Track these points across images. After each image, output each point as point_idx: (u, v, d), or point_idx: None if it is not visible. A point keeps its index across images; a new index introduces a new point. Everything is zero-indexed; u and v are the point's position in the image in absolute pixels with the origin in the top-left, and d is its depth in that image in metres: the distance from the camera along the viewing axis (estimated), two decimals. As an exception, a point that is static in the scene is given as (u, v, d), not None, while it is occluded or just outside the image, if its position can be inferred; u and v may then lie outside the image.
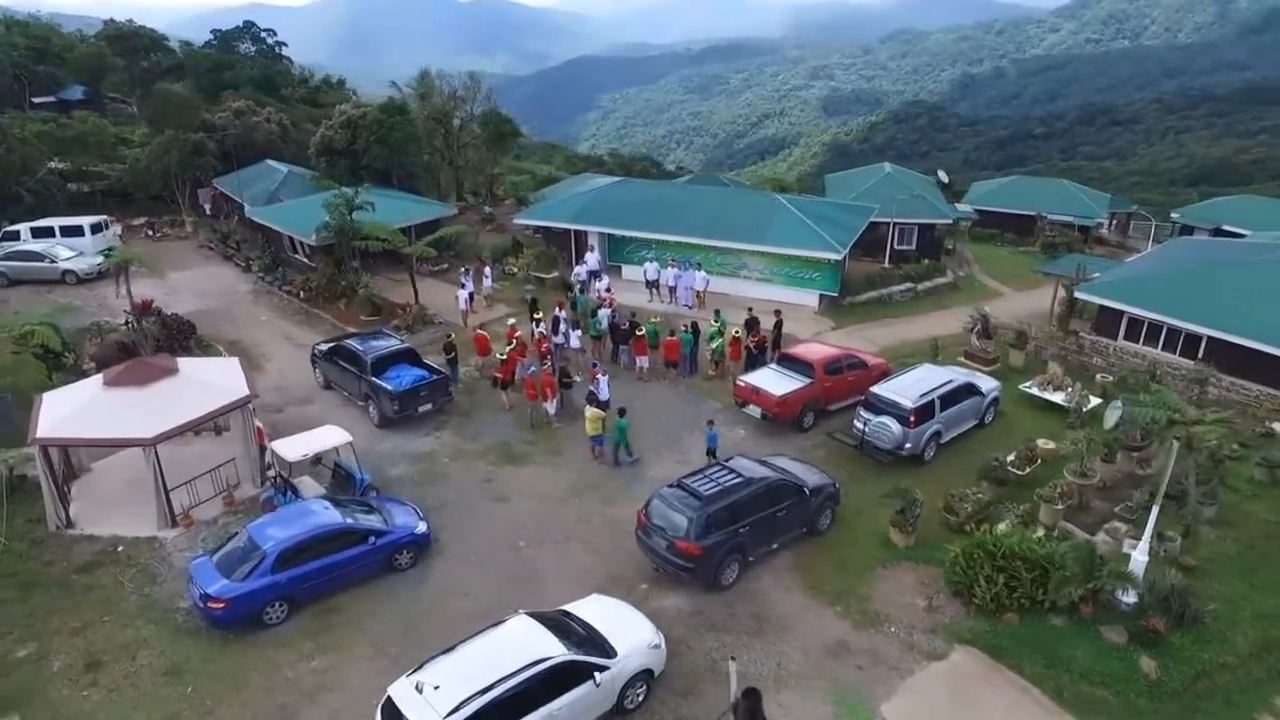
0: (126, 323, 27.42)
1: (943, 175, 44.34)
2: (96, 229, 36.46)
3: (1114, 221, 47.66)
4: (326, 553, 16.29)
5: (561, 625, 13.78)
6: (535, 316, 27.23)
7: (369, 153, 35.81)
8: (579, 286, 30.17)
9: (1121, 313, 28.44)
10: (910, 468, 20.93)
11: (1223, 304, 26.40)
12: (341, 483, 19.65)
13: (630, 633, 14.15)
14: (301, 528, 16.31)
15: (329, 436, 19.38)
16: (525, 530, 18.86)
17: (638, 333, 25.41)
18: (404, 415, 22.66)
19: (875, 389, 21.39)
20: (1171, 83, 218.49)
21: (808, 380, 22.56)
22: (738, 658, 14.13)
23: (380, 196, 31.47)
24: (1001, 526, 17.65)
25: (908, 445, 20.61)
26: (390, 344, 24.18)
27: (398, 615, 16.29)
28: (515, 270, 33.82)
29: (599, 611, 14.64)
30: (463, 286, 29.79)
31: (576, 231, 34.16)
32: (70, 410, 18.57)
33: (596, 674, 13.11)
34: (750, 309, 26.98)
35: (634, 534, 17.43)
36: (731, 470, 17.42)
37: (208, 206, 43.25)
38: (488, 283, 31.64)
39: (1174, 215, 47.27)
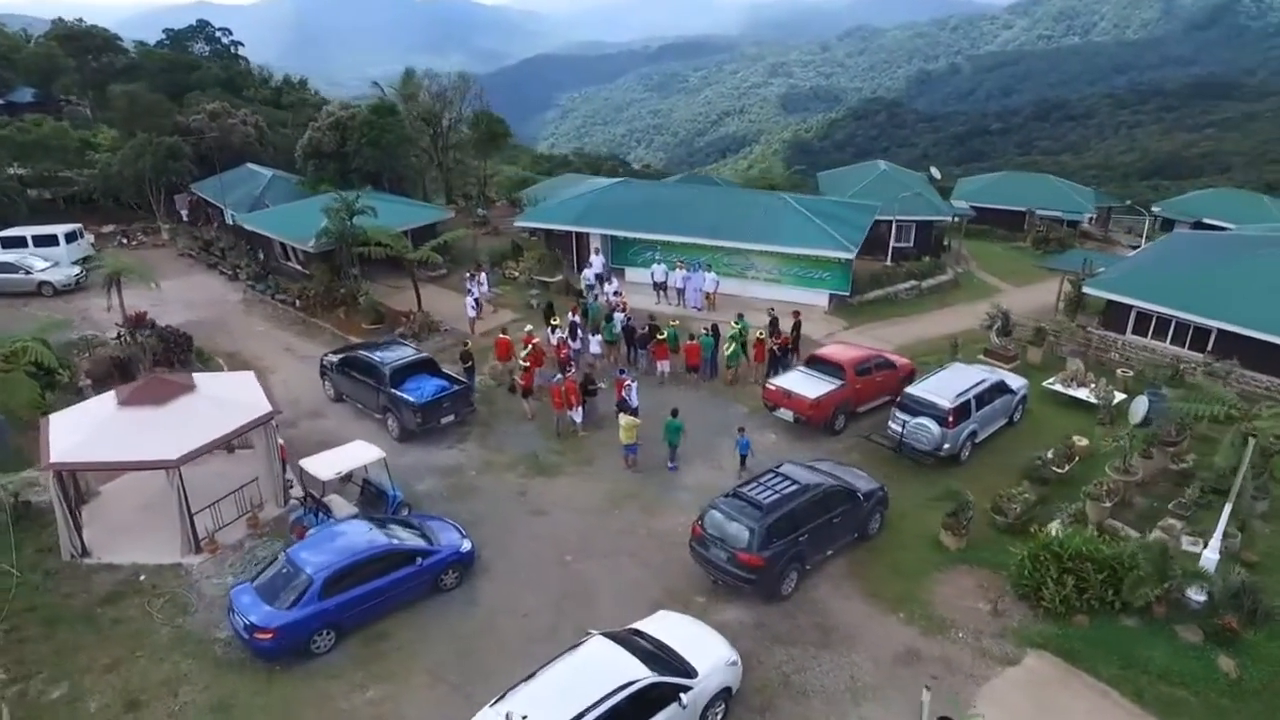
0: (119, 336, 26.29)
1: (935, 172, 44.62)
2: (71, 238, 35.03)
3: (1094, 216, 48.41)
4: (373, 576, 15.66)
5: (639, 645, 13.36)
6: (553, 323, 26.65)
7: (360, 155, 34.87)
8: (590, 293, 29.66)
9: (1130, 307, 28.80)
10: (946, 469, 20.87)
11: (1231, 297, 26.82)
12: (372, 500, 18.98)
13: (707, 650, 13.79)
14: (346, 551, 15.64)
15: (362, 453, 18.68)
16: (569, 544, 18.39)
17: (659, 336, 25.03)
18: (427, 428, 22.00)
19: (910, 390, 21.28)
20: (1122, 78, 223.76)
21: (839, 382, 22.39)
22: (927, 687, 13.85)
23: (376, 200, 30.63)
24: (1053, 526, 17.64)
25: (946, 446, 20.52)
26: (407, 354, 23.48)
27: (451, 639, 15.71)
28: (516, 274, 33.20)
29: (671, 629, 14.25)
30: (469, 293, 29.10)
31: (578, 234, 33.64)
32: (84, 432, 17.64)
33: (682, 695, 12.73)
34: (772, 310, 26.76)
35: (688, 545, 17.08)
36: (786, 477, 17.13)
37: (184, 213, 41.85)
38: (483, 289, 30.84)
39: (1155, 209, 48.21)
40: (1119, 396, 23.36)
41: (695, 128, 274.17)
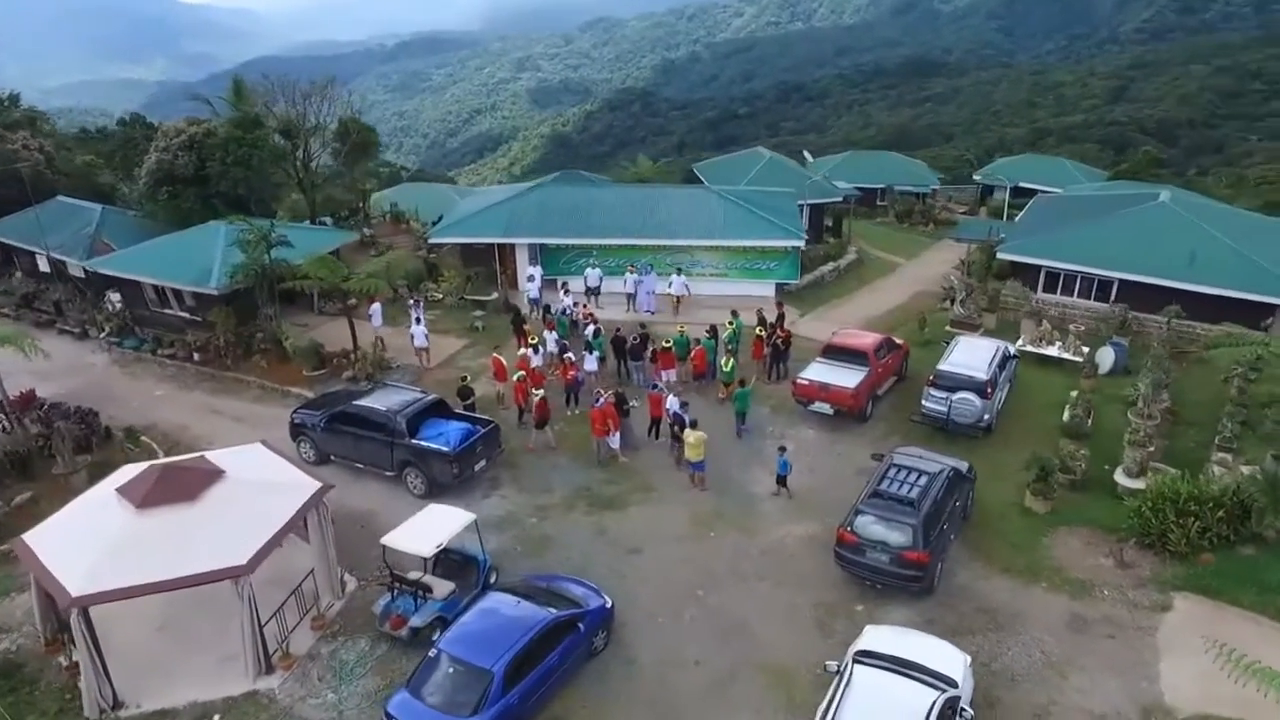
0: (3, 426, 21.25)
1: (808, 156, 46.78)
2: None
3: (937, 188, 53.08)
4: (544, 655, 13.98)
5: (910, 666, 12.94)
6: (532, 341, 25.04)
7: (227, 177, 30.41)
8: (558, 307, 28.09)
9: (1038, 268, 31.99)
10: (980, 440, 21.96)
11: (1120, 250, 30.57)
12: (455, 570, 16.83)
13: (946, 656, 13.67)
14: (514, 631, 13.80)
15: (449, 518, 16.46)
16: (689, 578, 17.44)
17: (664, 344, 24.28)
18: (463, 478, 19.85)
19: (942, 366, 22.27)
20: (844, 60, 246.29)
21: (866, 368, 22.93)
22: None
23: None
24: (1119, 474, 19.35)
25: (986, 417, 21.72)
26: (410, 397, 21.03)
27: (635, 706, 14.40)
28: (440, 296, 30.69)
29: (898, 643, 13.90)
30: (417, 320, 26.56)
31: (500, 246, 31.74)
32: (99, 550, 14.16)
33: (966, 708, 12.58)
34: (761, 309, 26.85)
35: (835, 554, 16.84)
36: (911, 469, 17.35)
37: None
38: (377, 321, 27.95)
39: (976, 176, 53.84)
40: (1085, 350, 25.87)
41: (446, 128, 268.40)
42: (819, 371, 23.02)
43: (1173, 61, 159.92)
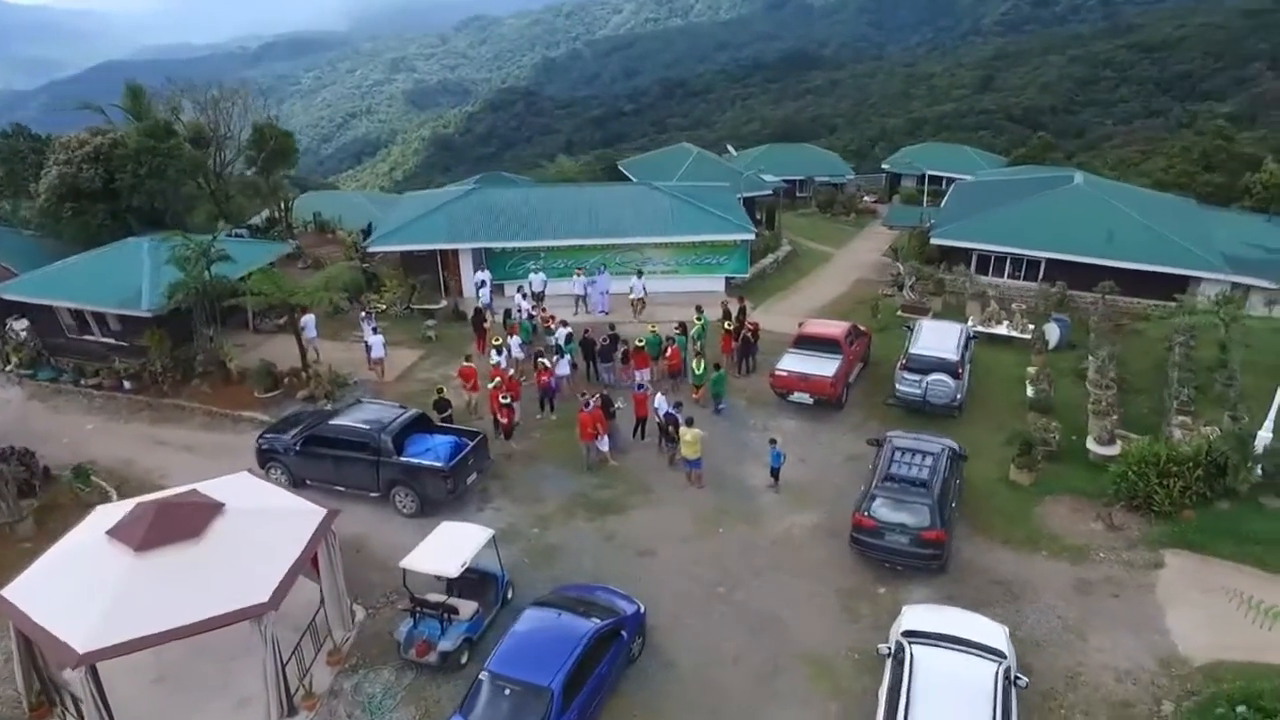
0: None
1: (731, 150, 47.43)
2: None
3: (853, 178, 54.79)
4: (594, 666, 13.77)
5: (953, 642, 13.38)
6: (494, 343, 24.66)
7: (140, 190, 28.36)
8: (519, 311, 27.58)
9: (970, 251, 33.60)
10: (952, 419, 22.83)
11: (1043, 231, 32.50)
12: (471, 588, 16.33)
13: (990, 630, 14.22)
14: (564, 646, 13.51)
15: (469, 536, 15.97)
16: (707, 577, 17.51)
17: (638, 344, 24.22)
18: (457, 494, 19.28)
19: (914, 350, 23.08)
20: (724, 55, 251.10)
21: (840, 356, 23.52)
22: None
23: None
24: (1090, 443, 20.59)
25: (959, 396, 22.66)
26: (389, 413, 20.26)
27: (689, 710, 14.36)
28: (384, 307, 29.63)
29: (943, 621, 14.36)
30: (373, 331, 25.64)
31: (443, 253, 30.93)
32: (105, 601, 13.03)
33: (1020, 675, 13.16)
34: (725, 302, 27.14)
35: (851, 540, 17.25)
36: (915, 450, 17.96)
37: None
38: (311, 333, 26.91)
39: (884, 166, 55.91)
40: (1031, 327, 27.33)
41: (319, 133, 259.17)
42: (795, 362, 23.46)
43: (1032, 52, 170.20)
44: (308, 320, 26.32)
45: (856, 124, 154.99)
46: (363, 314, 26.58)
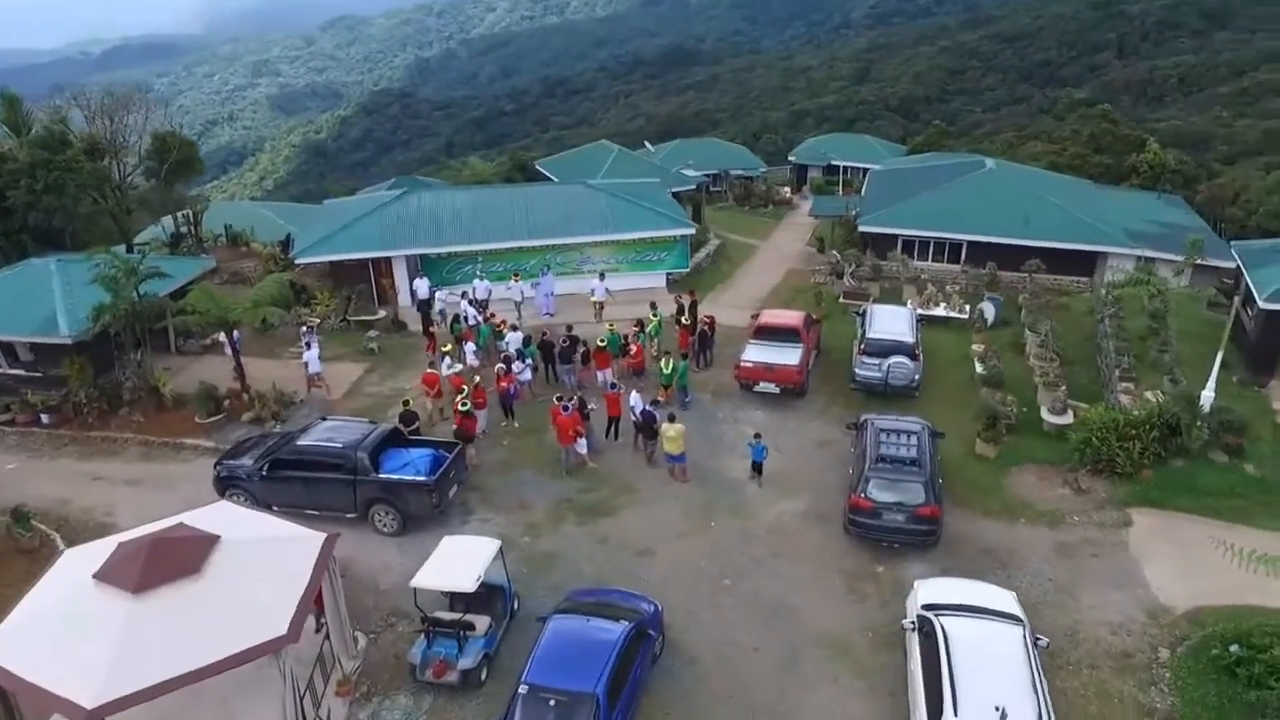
0: None
1: (649, 146, 47.69)
2: None
3: (765, 171, 55.95)
4: (629, 669, 13.77)
5: (976, 611, 14.04)
6: (444, 350, 24.24)
7: (38, 208, 26.24)
8: (468, 318, 27.00)
9: (895, 236, 35.01)
10: (911, 399, 23.85)
11: (969, 214, 34.26)
12: (478, 602, 15.99)
13: (1002, 597, 15.00)
14: (599, 651, 13.45)
15: (477, 549, 15.65)
16: (710, 570, 17.74)
17: (599, 344, 24.19)
18: (441, 508, 18.84)
19: (872, 334, 23.93)
20: (603, 52, 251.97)
21: (800, 344, 24.14)
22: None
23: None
24: (1045, 413, 21.89)
25: (917, 377, 23.65)
26: (360, 430, 19.59)
27: (722, 702, 14.55)
28: (317, 321, 28.47)
29: (960, 590, 15.05)
30: (308, 347, 24.68)
31: (375, 261, 30.00)
32: (108, 649, 12.14)
33: (1040, 637, 13.97)
34: (678, 297, 27.37)
35: (848, 522, 17.85)
36: (898, 431, 18.70)
37: None
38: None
39: (790, 157, 57.47)
40: (967, 308, 28.74)
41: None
42: (758, 353, 23.93)
43: (903, 44, 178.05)
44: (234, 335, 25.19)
45: (740, 118, 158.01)
46: (304, 329, 25.51)
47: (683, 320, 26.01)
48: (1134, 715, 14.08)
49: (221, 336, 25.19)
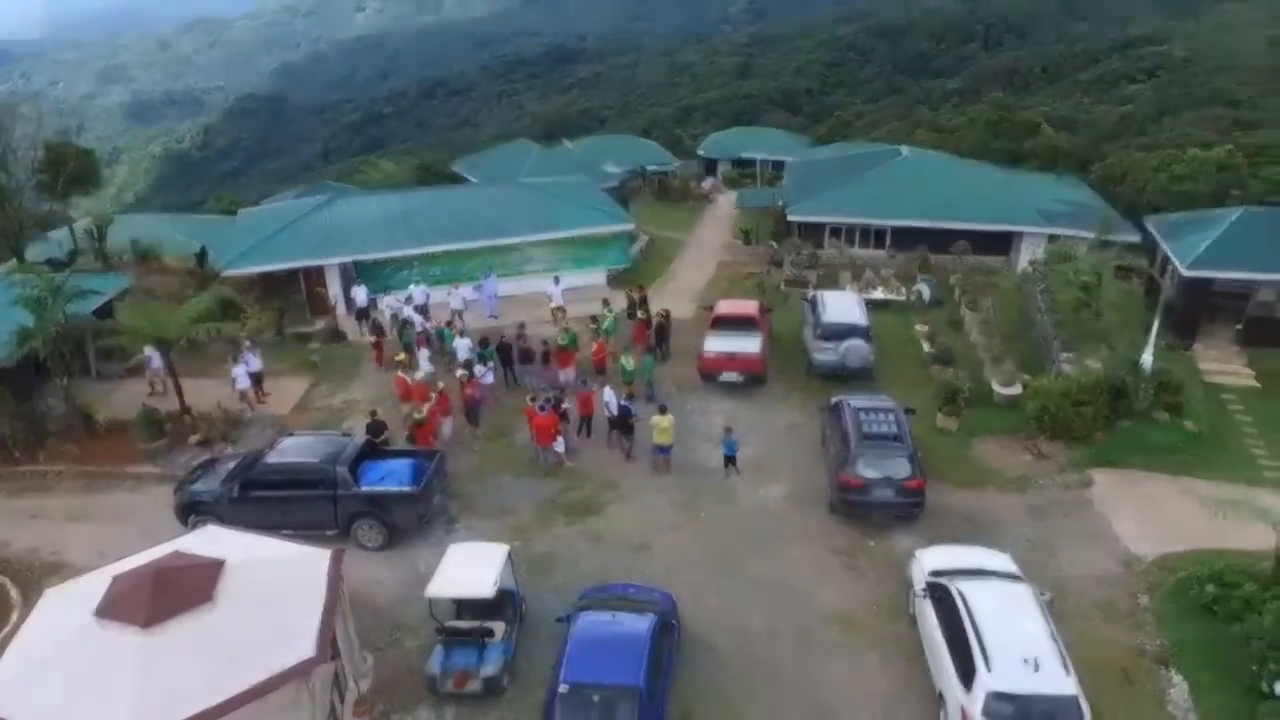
0: None
1: (568, 144, 47.55)
2: None
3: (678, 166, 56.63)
4: (661, 659, 13.96)
5: (983, 574, 14.87)
6: (397, 359, 23.83)
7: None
8: (415, 325, 26.43)
9: (822, 225, 36.23)
10: (870, 380, 24.77)
11: (891, 200, 35.73)
12: (484, 608, 15.82)
13: (999, 558, 15.93)
14: (633, 646, 13.56)
15: (486, 554, 15.48)
16: (709, 559, 18.07)
17: (560, 343, 24.17)
18: (427, 518, 18.53)
19: (826, 319, 24.76)
20: (485, 52, 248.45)
21: (758, 332, 24.76)
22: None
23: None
24: (995, 386, 23.22)
25: (872, 358, 24.61)
26: (334, 443, 19.06)
27: (749, 685, 14.92)
28: (248, 339, 27.27)
29: (959, 556, 15.90)
30: (243, 362, 23.75)
31: (306, 271, 29.00)
32: (125, 691, 11.51)
33: (1044, 590, 14.93)
34: (629, 292, 27.55)
35: (837, 500, 18.53)
36: (874, 409, 19.50)
37: None
38: (157, 363, 24.84)
39: (699, 152, 58.47)
40: (903, 290, 30.07)
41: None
42: (720, 343, 24.41)
43: (782, 37, 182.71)
44: (153, 353, 23.98)
45: (627, 115, 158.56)
46: (247, 342, 24.47)
47: (639, 315, 26.23)
48: (1128, 657, 15.19)
49: (150, 357, 23.98)
